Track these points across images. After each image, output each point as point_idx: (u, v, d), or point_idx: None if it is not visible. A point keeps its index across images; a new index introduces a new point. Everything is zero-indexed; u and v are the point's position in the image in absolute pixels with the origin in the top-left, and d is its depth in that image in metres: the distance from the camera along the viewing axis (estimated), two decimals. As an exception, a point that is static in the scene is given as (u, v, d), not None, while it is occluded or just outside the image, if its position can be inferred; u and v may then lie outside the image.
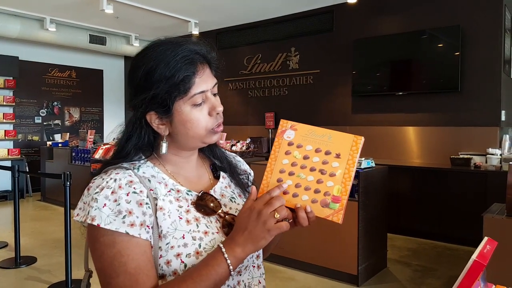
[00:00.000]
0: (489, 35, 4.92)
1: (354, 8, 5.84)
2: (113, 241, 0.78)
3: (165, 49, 0.85)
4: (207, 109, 0.87)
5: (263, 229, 0.78)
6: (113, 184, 0.81)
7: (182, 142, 0.89)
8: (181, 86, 0.83)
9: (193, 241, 0.82)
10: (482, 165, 4.68)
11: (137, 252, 0.78)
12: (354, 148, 0.84)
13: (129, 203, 0.79)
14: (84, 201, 0.82)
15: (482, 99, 4.97)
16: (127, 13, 6.50)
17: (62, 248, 4.40)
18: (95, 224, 0.77)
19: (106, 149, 6.16)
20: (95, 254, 0.80)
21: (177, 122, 0.86)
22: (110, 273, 0.78)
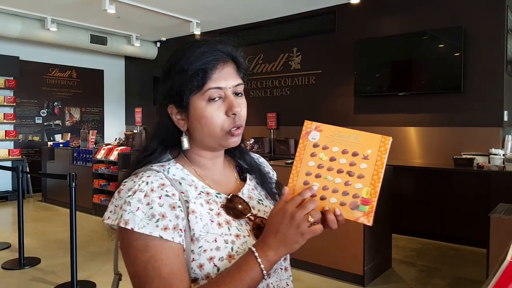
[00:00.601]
0: (492, 35, 4.94)
1: (356, 9, 5.85)
2: (147, 246, 0.77)
3: (192, 46, 0.86)
4: (224, 108, 0.85)
5: (296, 233, 0.76)
6: (146, 187, 0.80)
7: (199, 140, 0.88)
8: (194, 79, 0.83)
9: (225, 245, 0.81)
10: (485, 165, 4.68)
11: (171, 256, 0.78)
12: (382, 148, 0.83)
13: (162, 207, 0.79)
14: (116, 204, 0.81)
15: (484, 100, 4.98)
16: (129, 13, 6.49)
17: (65, 249, 4.40)
18: (128, 228, 0.77)
19: (108, 149, 6.15)
20: (129, 259, 0.80)
21: (192, 117, 0.86)
22: (144, 278, 0.78)
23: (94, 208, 6.13)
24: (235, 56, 0.89)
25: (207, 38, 0.89)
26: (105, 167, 6.08)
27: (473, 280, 3.61)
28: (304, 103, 6.45)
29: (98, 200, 6.08)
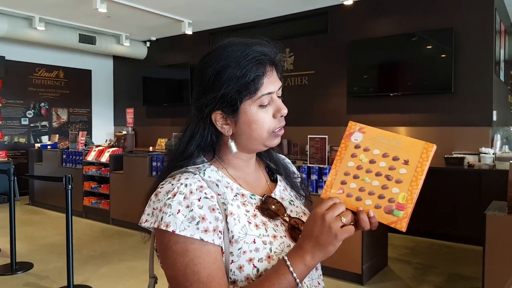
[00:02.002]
0: (481, 37, 5.05)
1: (349, 10, 5.90)
2: (186, 249, 0.78)
3: (235, 50, 0.85)
4: (272, 111, 0.87)
5: (329, 234, 0.77)
6: (185, 190, 0.80)
7: (244, 143, 0.88)
8: (251, 86, 0.83)
9: (264, 246, 0.82)
10: (476, 164, 4.78)
11: (209, 260, 0.78)
12: (424, 155, 0.82)
13: (201, 209, 0.79)
14: (154, 207, 0.81)
15: (474, 100, 5.09)
16: (119, 12, 6.41)
17: (58, 253, 4.32)
18: (169, 231, 0.77)
19: (99, 151, 6.06)
20: (167, 262, 0.80)
21: (242, 122, 0.86)
22: (184, 281, 0.78)
23: (85, 210, 6.03)
24: (277, 60, 0.89)
25: (241, 40, 0.88)
26: (96, 169, 5.98)
27: (467, 276, 3.68)
28: (297, 103, 6.47)
29: (88, 203, 5.98)
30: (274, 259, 0.81)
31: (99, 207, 5.85)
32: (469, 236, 4.38)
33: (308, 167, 3.74)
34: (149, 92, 8.48)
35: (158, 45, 8.48)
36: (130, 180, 5.42)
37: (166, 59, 8.24)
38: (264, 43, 0.88)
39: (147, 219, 0.82)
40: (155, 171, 5.16)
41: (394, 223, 0.82)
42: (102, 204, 5.82)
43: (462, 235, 4.57)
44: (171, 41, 8.20)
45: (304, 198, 1.03)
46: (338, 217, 0.77)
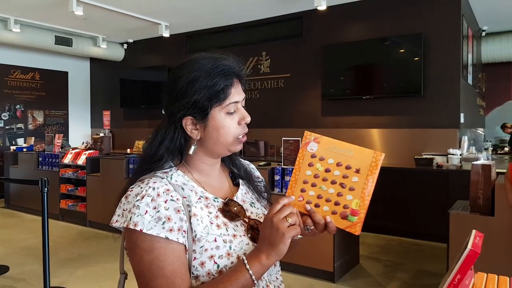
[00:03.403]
0: (449, 42, 5.26)
1: (323, 15, 6.05)
2: (152, 247, 0.84)
3: (206, 63, 0.94)
4: (237, 118, 0.96)
5: (277, 234, 0.84)
6: (152, 192, 0.87)
7: (211, 148, 0.96)
8: (220, 94, 0.92)
9: (224, 244, 0.90)
10: (444, 164, 4.97)
11: (173, 257, 0.85)
12: (374, 164, 0.89)
13: (167, 210, 0.86)
14: (124, 208, 0.89)
15: (443, 103, 5.30)
16: (96, 15, 6.39)
17: (34, 256, 4.31)
18: (137, 230, 0.84)
19: (76, 153, 6.03)
20: (134, 258, 0.87)
21: (211, 127, 0.94)
22: (149, 276, 0.85)
23: (62, 213, 5.99)
24: (242, 74, 0.99)
25: (210, 55, 0.98)
26: (73, 171, 5.95)
27: (434, 272, 3.86)
28: (274, 106, 6.59)
29: (65, 206, 5.94)
30: (233, 256, 0.89)
31: (76, 209, 5.82)
32: (437, 234, 4.56)
33: (282, 168, 3.85)
34: (126, 94, 8.45)
35: (135, 47, 8.46)
36: (107, 182, 5.42)
37: (144, 61, 8.23)
38: (230, 59, 0.97)
39: (117, 220, 0.89)
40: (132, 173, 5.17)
41: (349, 228, 0.89)
42: (79, 206, 5.80)
43: (431, 233, 4.75)
44: (148, 43, 8.20)
45: (266, 200, 1.12)
46: (285, 219, 0.85)
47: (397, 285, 3.58)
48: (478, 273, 1.15)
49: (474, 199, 3.11)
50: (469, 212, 3.12)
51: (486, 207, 3.05)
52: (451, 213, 3.17)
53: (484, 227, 2.94)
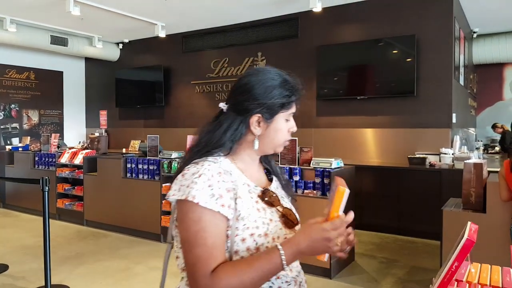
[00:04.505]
0: (441, 43, 5.37)
1: (318, 16, 6.14)
2: (200, 219, 0.97)
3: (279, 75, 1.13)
4: (288, 127, 1.15)
5: (324, 249, 0.97)
6: (208, 173, 1.01)
7: (264, 144, 1.13)
8: (288, 104, 1.12)
9: (263, 225, 1.04)
10: (436, 163, 5.08)
11: (216, 232, 0.98)
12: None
13: (219, 189, 1.00)
14: (181, 184, 1.01)
15: (435, 103, 5.41)
16: (92, 15, 6.41)
17: (33, 255, 4.34)
18: (194, 202, 0.96)
19: (73, 153, 6.05)
20: (183, 227, 1.00)
21: (271, 128, 1.11)
22: (193, 243, 0.97)
23: (58, 212, 6.00)
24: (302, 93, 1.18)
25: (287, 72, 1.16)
26: (70, 171, 5.97)
27: (427, 268, 3.96)
28: (270, 105, 6.65)
29: (62, 205, 5.96)
30: (269, 236, 1.03)
31: (73, 209, 5.84)
32: (430, 231, 4.67)
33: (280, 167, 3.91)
34: (121, 94, 8.47)
35: (131, 47, 8.48)
36: (104, 182, 5.45)
37: (139, 61, 8.26)
38: (297, 79, 1.17)
39: (175, 193, 1.01)
40: (129, 173, 5.21)
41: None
42: (76, 206, 5.82)
43: (424, 230, 4.86)
44: (144, 43, 8.22)
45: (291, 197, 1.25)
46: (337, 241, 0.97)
47: (392, 281, 3.67)
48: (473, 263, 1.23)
49: (467, 197, 3.20)
50: (461, 209, 3.22)
51: (478, 204, 3.15)
52: (444, 210, 3.26)
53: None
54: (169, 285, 1.22)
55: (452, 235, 3.12)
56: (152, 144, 5.12)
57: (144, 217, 5.01)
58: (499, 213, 2.98)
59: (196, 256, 0.97)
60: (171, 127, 7.83)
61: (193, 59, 7.56)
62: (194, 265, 0.97)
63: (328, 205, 1.02)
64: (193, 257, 0.97)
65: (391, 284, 3.62)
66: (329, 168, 3.82)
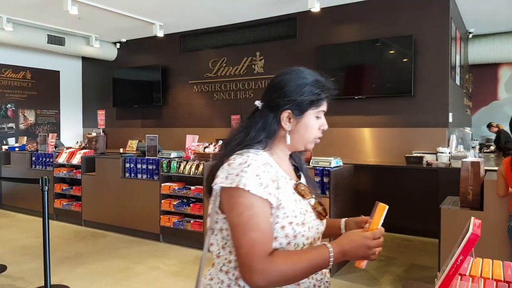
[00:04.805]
0: (438, 44, 5.42)
1: (317, 16, 6.17)
2: (252, 205, 1.04)
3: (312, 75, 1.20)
4: (318, 124, 1.21)
5: (363, 254, 1.07)
6: (255, 163, 1.08)
7: (295, 140, 1.19)
8: (318, 102, 1.18)
9: (300, 215, 1.12)
10: (433, 162, 5.12)
11: (266, 217, 1.06)
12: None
13: (266, 179, 1.07)
14: (229, 173, 1.07)
15: (432, 103, 5.46)
16: (90, 14, 6.40)
17: (31, 255, 4.33)
18: (246, 189, 1.03)
19: (70, 153, 6.03)
20: (235, 213, 1.05)
21: (301, 124, 1.18)
22: (247, 227, 1.03)
23: (56, 213, 5.99)
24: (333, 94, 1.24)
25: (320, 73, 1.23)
26: (67, 171, 5.95)
27: (425, 266, 4.00)
28: (267, 105, 6.67)
29: (60, 205, 5.94)
30: (306, 225, 1.12)
31: (70, 209, 5.83)
32: (428, 229, 4.71)
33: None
34: (119, 94, 8.46)
35: (128, 47, 8.47)
36: (103, 181, 5.44)
37: (137, 60, 8.25)
38: (329, 80, 1.24)
39: (222, 181, 1.07)
40: (128, 173, 5.21)
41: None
42: (74, 206, 5.80)
43: (422, 228, 4.90)
44: (141, 42, 8.22)
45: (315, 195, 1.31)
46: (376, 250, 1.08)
47: (390, 279, 3.70)
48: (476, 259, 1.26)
49: (464, 195, 3.24)
50: (459, 207, 3.25)
51: (475, 202, 3.19)
52: (442, 208, 3.30)
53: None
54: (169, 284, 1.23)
55: (450, 232, 3.15)
56: (151, 144, 5.12)
57: (143, 217, 5.01)
58: (496, 210, 3.01)
59: (251, 240, 1.02)
60: (169, 127, 7.83)
61: (191, 59, 7.57)
62: (250, 248, 1.02)
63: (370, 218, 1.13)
64: (248, 240, 1.03)
65: (390, 281, 3.65)
66: (328, 167, 3.84)
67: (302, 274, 1.05)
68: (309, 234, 1.13)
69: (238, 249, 1.05)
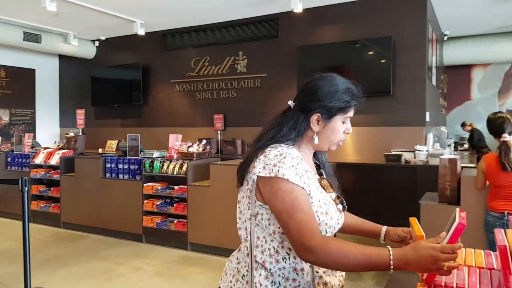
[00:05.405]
0: (416, 46, 5.57)
1: (299, 17, 6.23)
2: (292, 190, 1.14)
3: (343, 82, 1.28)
4: (344, 128, 1.30)
5: (429, 268, 1.02)
6: (289, 156, 1.18)
7: (321, 141, 1.28)
8: (346, 109, 1.27)
9: (324, 205, 1.22)
10: (411, 160, 5.26)
11: (306, 200, 1.16)
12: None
13: (300, 170, 1.18)
14: (266, 163, 1.17)
15: (410, 102, 5.60)
16: (69, 11, 6.26)
17: (9, 259, 4.23)
18: (285, 178, 1.13)
19: (48, 153, 5.90)
20: (278, 199, 1.15)
21: (329, 127, 1.27)
22: (292, 210, 1.13)
23: (33, 215, 5.84)
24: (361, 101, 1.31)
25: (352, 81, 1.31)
26: (45, 171, 5.82)
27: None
28: (250, 105, 6.71)
29: (37, 207, 5.80)
30: (329, 215, 1.21)
31: (48, 211, 5.70)
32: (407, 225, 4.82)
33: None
34: (98, 93, 8.31)
35: (108, 45, 8.33)
36: (82, 182, 5.35)
37: (117, 59, 8.13)
38: (359, 88, 1.31)
39: (260, 171, 1.17)
40: (109, 173, 5.14)
41: None
42: (52, 207, 5.68)
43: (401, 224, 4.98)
44: (121, 41, 8.10)
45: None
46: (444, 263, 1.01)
47: (372, 273, 3.78)
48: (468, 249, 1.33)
49: (442, 190, 3.36)
50: (437, 202, 3.37)
51: (453, 197, 3.31)
52: (422, 203, 3.41)
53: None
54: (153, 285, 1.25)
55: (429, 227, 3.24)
56: (133, 144, 5.06)
57: (124, 218, 4.95)
58: (473, 205, 3.14)
59: (299, 220, 1.11)
60: (150, 127, 7.75)
61: (172, 58, 7.51)
62: (298, 228, 1.11)
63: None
64: (295, 221, 1.11)
65: (372, 275, 3.74)
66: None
67: (354, 265, 1.08)
68: (331, 223, 1.22)
69: (288, 231, 1.13)
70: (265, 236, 1.22)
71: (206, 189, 4.42)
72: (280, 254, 1.20)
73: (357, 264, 1.08)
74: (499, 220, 2.81)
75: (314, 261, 1.12)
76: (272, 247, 1.20)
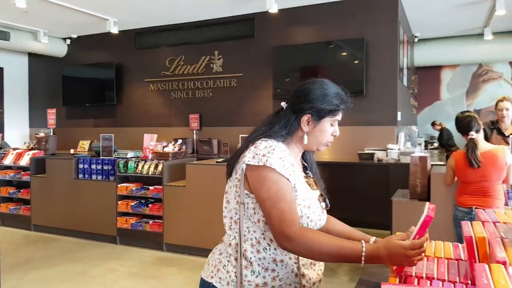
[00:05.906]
0: (387, 47, 5.72)
1: (274, 17, 6.28)
2: (278, 180, 1.21)
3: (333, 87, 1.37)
4: (331, 131, 1.37)
5: (401, 262, 1.09)
6: (277, 148, 1.25)
7: (309, 141, 1.35)
8: (335, 112, 1.34)
9: (308, 200, 1.28)
10: (384, 158, 5.40)
11: (290, 191, 1.22)
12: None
13: (287, 162, 1.24)
14: (256, 153, 1.23)
15: (382, 102, 5.75)
16: (39, 8, 6.09)
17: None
18: (272, 167, 1.20)
19: (18, 154, 5.72)
20: (263, 187, 1.21)
21: (317, 128, 1.34)
22: (276, 199, 1.19)
23: (2, 218, 5.65)
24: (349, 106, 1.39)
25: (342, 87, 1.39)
26: (15, 173, 5.64)
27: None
28: (226, 104, 6.71)
29: (6, 209, 5.61)
30: (311, 209, 1.27)
31: (18, 213, 5.53)
32: (380, 222, 4.95)
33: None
34: (69, 92, 8.11)
35: (79, 43, 8.14)
36: (54, 183, 5.22)
37: (89, 57, 7.96)
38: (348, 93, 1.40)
39: (249, 160, 1.23)
40: (82, 174, 5.03)
41: None
42: (22, 210, 5.51)
43: (374, 221, 5.14)
44: (94, 39, 7.93)
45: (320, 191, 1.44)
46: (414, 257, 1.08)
47: (347, 269, 3.87)
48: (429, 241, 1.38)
49: (413, 187, 3.47)
50: (409, 199, 3.48)
51: (423, 193, 3.43)
52: (394, 200, 3.51)
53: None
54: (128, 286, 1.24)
55: (401, 223, 3.36)
56: (106, 144, 4.98)
57: (98, 219, 4.86)
58: (442, 201, 3.26)
59: (281, 209, 1.18)
60: (123, 126, 7.62)
61: (147, 57, 7.42)
62: (280, 216, 1.17)
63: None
64: (278, 210, 1.18)
65: (346, 272, 3.82)
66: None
67: (328, 256, 1.15)
68: (313, 217, 1.28)
69: (270, 219, 1.19)
70: (248, 226, 1.27)
71: (182, 189, 4.40)
72: (261, 244, 1.25)
73: (331, 255, 1.14)
74: (467, 215, 2.92)
75: (290, 249, 1.17)
76: (254, 237, 1.26)
